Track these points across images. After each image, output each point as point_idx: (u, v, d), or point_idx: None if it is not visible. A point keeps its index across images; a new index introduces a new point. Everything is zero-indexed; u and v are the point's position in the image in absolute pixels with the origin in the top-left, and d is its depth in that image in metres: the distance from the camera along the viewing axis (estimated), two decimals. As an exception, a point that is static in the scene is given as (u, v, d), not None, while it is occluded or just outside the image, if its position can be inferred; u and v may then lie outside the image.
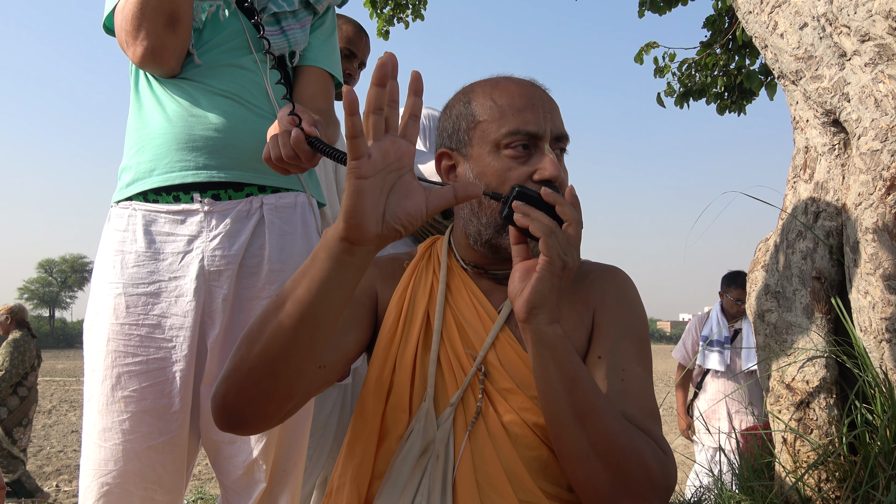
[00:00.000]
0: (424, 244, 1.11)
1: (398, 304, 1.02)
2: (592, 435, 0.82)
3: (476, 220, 0.99)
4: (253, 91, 1.38)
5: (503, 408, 0.92)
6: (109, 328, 1.30)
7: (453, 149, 1.01)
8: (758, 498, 1.70)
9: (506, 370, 0.93)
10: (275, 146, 1.08)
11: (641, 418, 0.89)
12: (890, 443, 1.41)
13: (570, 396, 0.83)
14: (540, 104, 0.97)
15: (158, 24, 1.25)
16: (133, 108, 1.41)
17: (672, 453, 0.88)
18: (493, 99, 0.98)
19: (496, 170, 0.95)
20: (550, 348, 0.84)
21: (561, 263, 0.84)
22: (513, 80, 1.01)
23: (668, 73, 5.29)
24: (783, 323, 1.70)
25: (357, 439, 0.96)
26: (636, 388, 0.91)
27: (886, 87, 1.50)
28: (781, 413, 1.68)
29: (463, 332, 0.98)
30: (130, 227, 1.34)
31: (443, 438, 0.90)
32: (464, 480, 0.88)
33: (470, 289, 1.02)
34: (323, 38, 1.51)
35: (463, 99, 1.02)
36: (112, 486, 1.27)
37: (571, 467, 0.84)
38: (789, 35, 1.71)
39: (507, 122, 0.95)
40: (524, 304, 0.85)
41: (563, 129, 0.99)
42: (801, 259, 1.70)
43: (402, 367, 0.97)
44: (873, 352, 1.49)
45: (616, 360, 0.93)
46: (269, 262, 1.35)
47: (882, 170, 1.48)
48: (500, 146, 0.95)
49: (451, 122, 1.02)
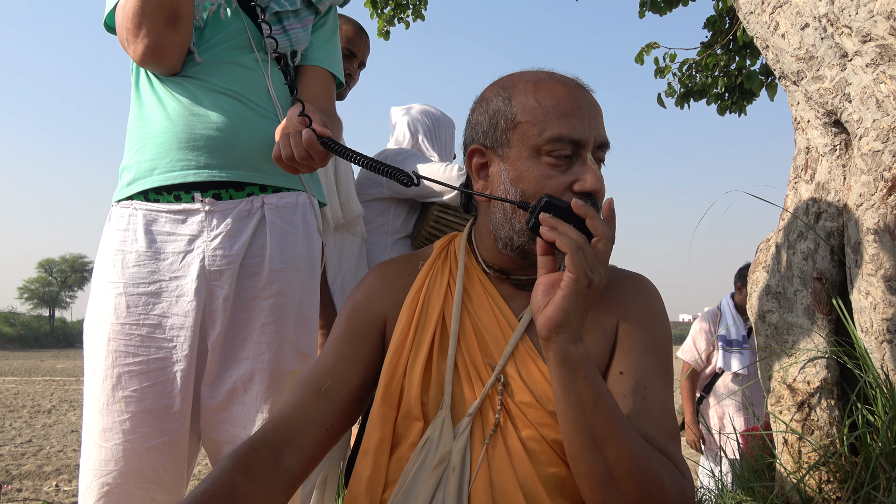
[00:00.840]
0: (441, 242, 1.07)
1: (411, 306, 0.98)
2: (611, 458, 0.79)
3: (508, 226, 0.94)
4: (254, 90, 1.38)
5: (522, 422, 0.89)
6: (110, 328, 1.30)
7: (488, 147, 0.95)
8: (759, 498, 1.70)
9: (525, 383, 0.90)
10: (286, 146, 1.08)
11: (661, 439, 0.86)
12: (891, 444, 1.41)
13: (591, 418, 0.80)
14: (587, 109, 0.92)
15: (159, 21, 1.25)
16: (134, 107, 1.41)
17: (690, 475, 0.86)
18: (536, 99, 0.92)
19: (535, 177, 0.90)
20: (572, 369, 0.81)
21: (587, 281, 0.80)
22: (558, 80, 0.94)
23: (668, 73, 5.29)
24: (784, 324, 1.69)
25: (369, 449, 0.93)
26: (657, 406, 0.89)
27: (888, 87, 1.50)
28: (782, 414, 1.68)
29: (481, 338, 0.94)
30: (131, 226, 1.34)
31: (460, 450, 0.88)
32: (479, 495, 0.85)
33: (490, 293, 0.98)
34: (325, 38, 1.51)
35: (503, 94, 0.95)
36: (112, 486, 1.26)
37: (589, 489, 0.82)
38: (790, 35, 1.71)
39: (552, 126, 0.89)
40: (547, 321, 0.81)
41: (605, 136, 0.93)
42: (803, 260, 1.70)
43: (414, 371, 0.93)
44: (874, 352, 1.49)
45: (639, 378, 0.90)
46: (270, 262, 1.35)
47: (883, 170, 1.48)
48: (540, 151, 0.90)
49: (488, 118, 0.95)
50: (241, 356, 1.34)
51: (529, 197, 0.90)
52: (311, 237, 1.44)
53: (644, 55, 5.01)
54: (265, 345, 1.34)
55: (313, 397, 0.94)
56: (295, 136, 1.07)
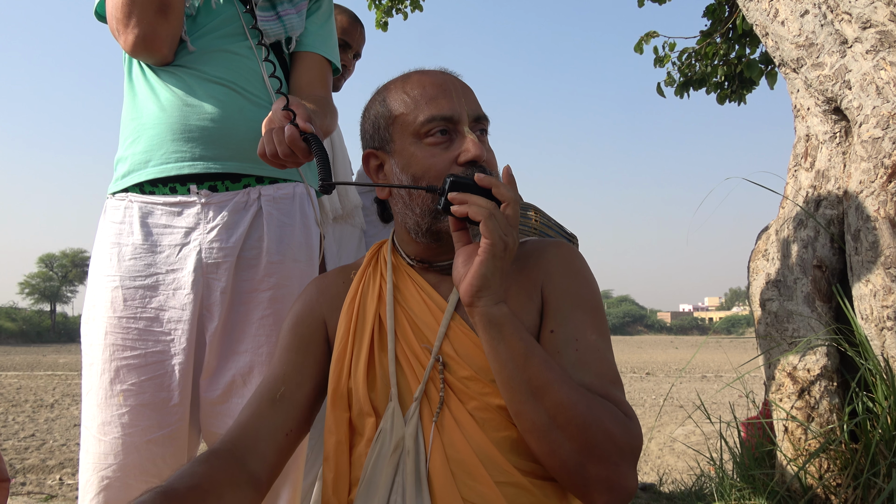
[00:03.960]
0: (371, 249, 1.12)
1: (348, 313, 1.03)
2: (550, 407, 0.83)
3: (411, 213, 0.99)
4: (249, 78, 1.36)
5: (466, 395, 0.93)
6: (107, 321, 1.29)
7: (377, 147, 1.03)
8: (759, 486, 1.70)
9: (462, 358, 0.94)
10: (269, 142, 1.07)
11: (600, 385, 0.89)
12: (891, 430, 1.41)
13: (524, 373, 0.84)
14: (452, 89, 0.99)
15: (149, 11, 1.23)
16: (127, 97, 1.39)
17: (636, 416, 0.89)
18: (405, 92, 1.00)
19: (420, 158, 0.96)
20: (498, 328, 0.86)
21: (503, 245, 0.86)
22: (423, 72, 1.03)
23: (668, 62, 5.26)
24: (784, 312, 1.69)
25: (329, 454, 0.97)
26: (592, 356, 0.92)
27: (888, 74, 1.49)
28: (783, 401, 1.68)
29: (416, 327, 0.99)
30: (127, 218, 1.33)
31: (412, 433, 0.92)
32: (437, 471, 0.89)
33: (417, 283, 1.03)
34: (319, 23, 1.49)
35: (378, 99, 1.04)
36: (112, 479, 1.26)
37: (535, 441, 0.86)
38: (790, 22, 1.69)
39: (422, 110, 0.97)
40: (468, 287, 0.87)
41: (479, 110, 1.01)
42: (802, 247, 1.69)
43: (359, 372, 0.98)
44: (874, 339, 1.49)
45: (569, 331, 0.94)
46: (267, 253, 1.34)
47: (883, 157, 1.47)
48: (420, 135, 0.97)
49: (371, 123, 1.04)
50: (239, 349, 1.33)
51: (419, 180, 0.97)
52: (309, 228, 1.43)
53: (643, 44, 4.99)
54: (264, 337, 1.33)
55: (269, 405, 0.98)
56: (278, 133, 1.06)
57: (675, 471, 4.42)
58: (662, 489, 2.93)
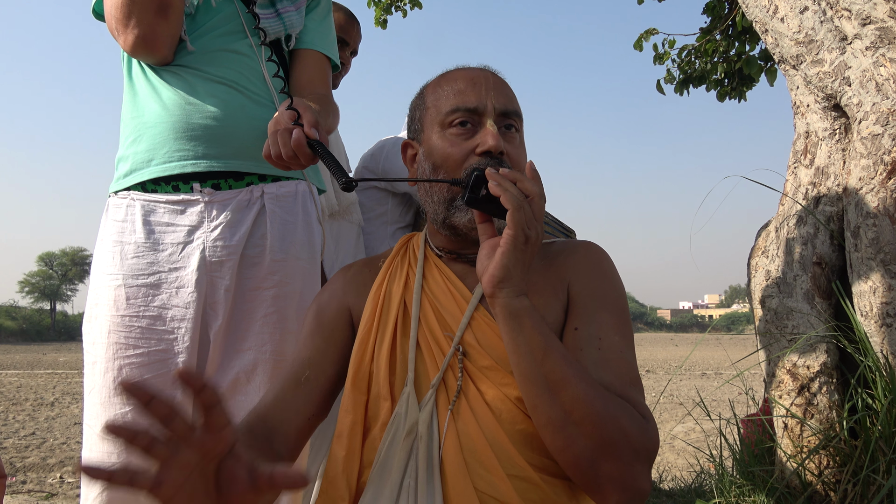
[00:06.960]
0: (402, 239, 1.14)
1: (374, 299, 1.04)
2: (567, 402, 0.83)
3: (430, 202, 1.02)
4: (250, 77, 1.37)
5: (484, 385, 0.93)
6: (110, 320, 1.30)
7: (412, 138, 1.08)
8: (759, 483, 1.70)
9: (483, 348, 0.95)
10: (275, 144, 1.07)
11: (620, 385, 0.89)
12: (891, 427, 1.41)
13: (542, 367, 0.84)
14: (483, 82, 1.01)
15: (149, 11, 1.23)
16: (127, 96, 1.39)
17: (653, 419, 0.89)
18: (440, 86, 1.04)
19: (440, 147, 0.99)
20: (518, 320, 0.86)
21: (524, 237, 0.86)
22: (462, 67, 1.06)
23: (667, 59, 5.26)
24: (784, 308, 1.70)
25: (343, 432, 0.97)
26: (614, 356, 0.92)
27: (888, 70, 1.49)
28: (782, 398, 1.68)
29: (439, 315, 1.00)
30: (129, 217, 1.33)
31: (426, 420, 0.92)
32: (450, 459, 0.89)
33: (444, 273, 1.04)
34: (319, 20, 1.49)
35: (419, 93, 1.09)
36: (116, 477, 1.27)
37: (550, 436, 0.85)
38: (790, 19, 1.70)
39: (449, 101, 1.00)
40: (490, 278, 0.87)
41: (509, 105, 1.01)
42: (802, 244, 1.70)
43: (381, 356, 0.98)
44: (874, 336, 1.49)
45: (592, 330, 0.94)
46: (270, 251, 1.35)
47: (883, 154, 1.48)
48: (444, 125, 1.00)
49: (410, 116, 1.09)
50: (243, 347, 1.34)
51: (438, 168, 0.99)
52: (312, 226, 1.43)
53: (643, 41, 4.99)
54: (267, 335, 1.34)
55: (293, 388, 0.99)
56: (283, 135, 1.06)
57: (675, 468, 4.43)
58: (662, 486, 2.94)
